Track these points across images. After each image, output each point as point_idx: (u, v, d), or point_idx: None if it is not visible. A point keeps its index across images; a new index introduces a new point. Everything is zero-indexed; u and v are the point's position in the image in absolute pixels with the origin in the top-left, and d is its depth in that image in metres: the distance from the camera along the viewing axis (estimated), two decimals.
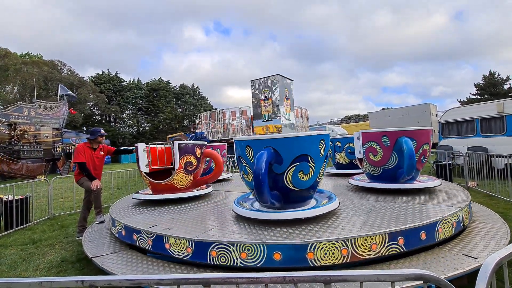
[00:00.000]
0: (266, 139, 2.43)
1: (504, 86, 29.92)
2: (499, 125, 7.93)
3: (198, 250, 2.23)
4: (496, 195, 5.58)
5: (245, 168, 2.54)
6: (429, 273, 0.85)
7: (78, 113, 29.69)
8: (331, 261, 2.04)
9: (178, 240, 2.34)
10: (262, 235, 2.20)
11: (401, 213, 2.65)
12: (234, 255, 2.11)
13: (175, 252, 2.35)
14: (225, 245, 2.14)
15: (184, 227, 2.59)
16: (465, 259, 2.30)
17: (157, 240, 2.49)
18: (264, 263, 2.05)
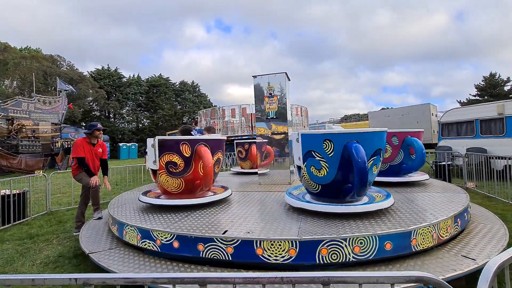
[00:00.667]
0: (349, 133, 2.56)
1: (504, 87, 29.93)
2: (499, 126, 7.92)
3: (305, 251, 2.09)
4: (494, 196, 5.58)
5: (318, 162, 2.61)
6: (429, 275, 0.84)
7: (77, 108, 29.59)
8: (426, 245, 2.32)
9: (276, 243, 2.10)
10: (351, 228, 2.28)
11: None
12: (347, 251, 2.10)
13: (271, 257, 2.09)
14: (337, 241, 2.09)
15: (256, 228, 2.39)
16: (463, 260, 2.29)
17: (243, 246, 2.16)
18: (376, 254, 2.13)
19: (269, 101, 4.58)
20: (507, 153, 6.97)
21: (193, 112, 41.21)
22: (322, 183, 2.70)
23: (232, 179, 5.62)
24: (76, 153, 4.02)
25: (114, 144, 32.63)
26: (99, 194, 4.27)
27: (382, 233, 2.17)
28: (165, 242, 2.46)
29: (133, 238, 2.72)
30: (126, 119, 40.35)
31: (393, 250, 2.21)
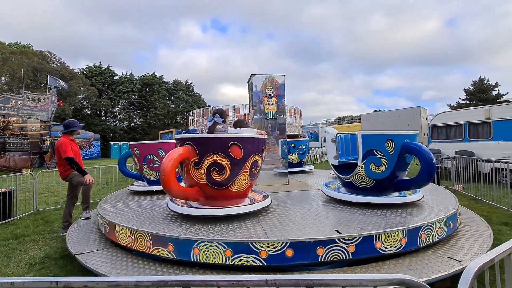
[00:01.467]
0: (406, 134, 3.03)
1: (492, 92, 30.69)
2: (486, 130, 8.12)
3: (411, 237, 2.42)
4: (481, 198, 5.71)
5: (379, 160, 2.96)
6: (411, 278, 0.85)
7: (67, 106, 29.02)
8: None
9: (391, 234, 2.33)
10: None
11: None
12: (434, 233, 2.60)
13: (387, 249, 2.31)
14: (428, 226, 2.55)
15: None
16: (449, 261, 2.34)
17: (365, 242, 2.24)
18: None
19: (268, 101, 4.59)
20: (494, 157, 7.16)
21: (186, 112, 40.91)
22: (378, 178, 3.06)
23: None
24: (67, 153, 3.93)
25: (106, 143, 32.14)
26: (91, 192, 4.21)
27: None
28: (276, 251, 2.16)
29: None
30: (118, 118, 39.78)
31: None
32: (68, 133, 4.11)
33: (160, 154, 4.21)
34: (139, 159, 4.31)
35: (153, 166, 4.24)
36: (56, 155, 4.13)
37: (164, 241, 2.33)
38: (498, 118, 7.79)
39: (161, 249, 2.33)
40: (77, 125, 4.20)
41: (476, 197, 5.90)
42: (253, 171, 2.80)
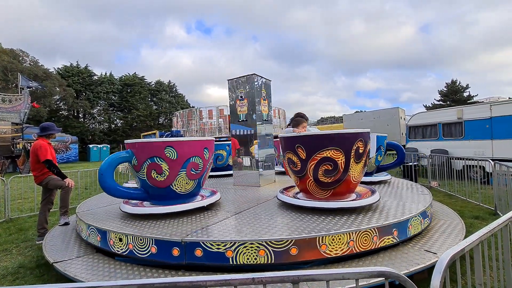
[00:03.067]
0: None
1: (464, 93, 32.51)
2: (458, 129, 8.60)
3: None
4: (454, 194, 6.05)
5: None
6: (390, 270, 0.90)
7: (42, 107, 27.58)
8: None
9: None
10: None
11: None
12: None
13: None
14: None
15: None
16: (426, 254, 2.47)
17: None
18: None
19: (240, 104, 4.61)
20: (465, 154, 7.61)
21: (169, 113, 40.11)
22: None
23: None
24: (47, 156, 3.75)
25: (84, 146, 30.86)
26: (69, 197, 4.04)
27: None
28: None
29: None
30: (97, 119, 38.29)
31: None
32: (45, 136, 3.92)
33: (205, 155, 3.14)
34: (173, 165, 2.89)
35: (195, 172, 3.03)
36: (31, 159, 3.91)
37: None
38: (469, 118, 8.29)
39: None
40: (55, 128, 4.05)
41: (450, 192, 6.24)
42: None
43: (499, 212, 4.55)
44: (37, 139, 3.93)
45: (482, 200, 5.24)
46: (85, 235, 2.94)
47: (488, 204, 5.05)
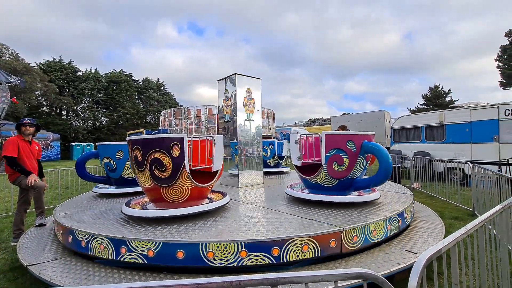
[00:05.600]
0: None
1: (446, 98, 33.71)
2: (440, 132, 8.90)
3: None
4: (435, 195, 6.24)
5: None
6: (368, 271, 0.90)
7: (22, 103, 26.43)
8: None
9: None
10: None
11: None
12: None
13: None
14: None
15: None
16: (407, 254, 2.52)
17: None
18: None
19: (226, 104, 4.60)
20: (446, 157, 7.87)
21: (157, 112, 39.40)
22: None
23: None
24: (6, 151, 3.54)
25: (67, 144, 29.81)
26: (43, 196, 3.86)
27: None
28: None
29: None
30: (81, 117, 37.08)
31: None
32: (19, 132, 3.74)
33: None
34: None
35: None
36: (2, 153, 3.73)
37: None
38: (450, 122, 8.59)
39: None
40: (25, 120, 3.79)
41: (431, 194, 6.43)
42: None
43: (477, 213, 4.73)
44: None
45: (461, 201, 5.43)
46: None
47: (467, 205, 5.24)
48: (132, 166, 2.93)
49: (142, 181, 2.84)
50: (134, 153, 2.79)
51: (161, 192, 2.80)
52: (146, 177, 2.75)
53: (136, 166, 2.81)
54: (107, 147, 4.16)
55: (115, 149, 4.09)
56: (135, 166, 2.83)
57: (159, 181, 2.74)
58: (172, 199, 2.83)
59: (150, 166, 2.69)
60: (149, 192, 2.93)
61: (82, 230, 2.57)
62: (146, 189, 2.92)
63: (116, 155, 4.07)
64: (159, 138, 2.73)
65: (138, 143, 2.76)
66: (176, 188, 2.78)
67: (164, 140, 2.70)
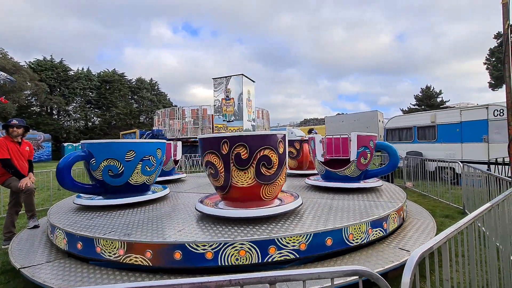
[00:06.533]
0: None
1: (437, 99, 34.34)
2: (431, 132, 9.07)
3: None
4: (427, 194, 6.36)
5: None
6: (363, 268, 0.93)
7: (11, 102, 25.86)
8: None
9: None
10: None
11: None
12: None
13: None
14: None
15: None
16: (399, 252, 2.57)
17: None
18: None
19: (226, 103, 4.60)
20: (438, 157, 8.03)
21: (151, 112, 39.04)
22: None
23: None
24: (0, 155, 3.49)
25: (58, 144, 29.31)
26: (34, 199, 3.79)
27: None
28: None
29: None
30: (72, 117, 36.52)
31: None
32: (6, 132, 3.67)
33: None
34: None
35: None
36: None
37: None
38: (441, 122, 8.76)
39: None
40: (12, 121, 3.70)
41: (423, 193, 6.55)
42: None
43: (467, 211, 4.84)
44: None
45: (452, 199, 5.55)
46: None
47: (458, 204, 5.36)
48: (227, 166, 2.62)
49: (240, 180, 2.63)
50: (235, 151, 2.57)
51: (260, 190, 2.70)
52: (249, 175, 2.60)
53: (236, 165, 2.58)
54: (112, 146, 3.31)
55: (124, 149, 3.31)
56: (235, 165, 2.59)
57: (263, 179, 2.65)
58: (267, 197, 2.78)
59: (257, 163, 2.59)
60: (242, 191, 2.71)
61: (203, 240, 2.19)
62: (241, 189, 2.68)
63: (125, 156, 3.31)
64: (269, 135, 2.68)
65: (244, 140, 2.58)
66: (274, 185, 2.77)
67: (273, 137, 2.68)
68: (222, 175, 2.67)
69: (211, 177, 2.83)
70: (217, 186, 2.82)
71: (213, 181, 2.81)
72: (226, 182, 2.68)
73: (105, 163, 3.27)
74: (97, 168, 3.29)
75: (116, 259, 2.29)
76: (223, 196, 2.89)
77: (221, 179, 2.69)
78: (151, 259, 2.20)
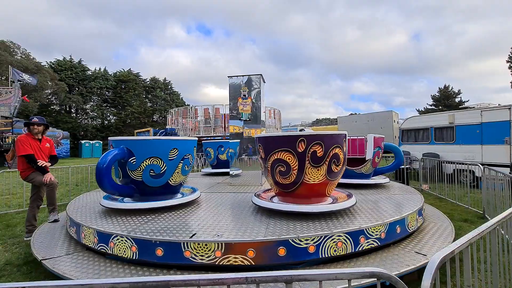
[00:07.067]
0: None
1: (456, 99, 33.13)
2: (450, 134, 8.76)
3: None
4: (444, 197, 6.15)
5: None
6: (382, 270, 0.91)
7: (32, 101, 27.00)
8: None
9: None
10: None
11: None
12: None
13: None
14: None
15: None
16: (416, 256, 2.50)
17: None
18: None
19: (242, 102, 4.60)
20: (456, 159, 7.75)
21: (164, 110, 39.75)
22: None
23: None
24: (24, 151, 3.65)
25: (76, 142, 30.34)
26: (56, 193, 3.95)
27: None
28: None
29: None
30: (90, 115, 37.69)
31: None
32: (28, 129, 3.84)
33: None
34: None
35: None
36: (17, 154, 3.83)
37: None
38: (460, 123, 8.45)
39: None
40: (34, 119, 3.86)
41: (440, 196, 6.34)
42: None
43: (487, 215, 4.65)
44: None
45: (471, 203, 5.34)
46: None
47: (477, 208, 5.15)
48: (302, 163, 2.67)
49: (312, 177, 2.73)
50: (312, 149, 2.67)
51: (327, 186, 2.86)
52: (321, 172, 2.72)
53: (312, 162, 2.68)
54: (155, 143, 3.01)
55: (168, 147, 3.04)
56: (310, 163, 2.68)
57: (331, 176, 2.80)
58: (329, 193, 3.00)
59: (330, 161, 2.73)
60: (312, 187, 2.79)
61: (306, 235, 2.25)
62: (312, 185, 2.76)
63: (169, 154, 3.04)
64: (339, 134, 2.83)
65: (321, 138, 2.69)
66: (335, 182, 2.97)
67: (341, 136, 2.86)
68: (294, 172, 2.72)
69: (278, 175, 2.81)
70: (285, 183, 2.83)
71: (282, 178, 2.81)
72: (297, 179, 2.74)
73: (148, 162, 2.95)
74: (137, 168, 2.96)
75: (211, 262, 2.17)
76: (289, 192, 2.89)
77: (292, 176, 2.74)
78: (254, 258, 2.17)
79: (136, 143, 2.99)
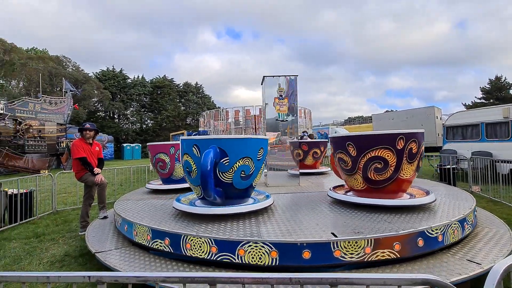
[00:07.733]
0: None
1: (510, 90, 29.64)
2: (504, 130, 7.85)
3: None
4: (500, 200, 5.53)
5: None
6: (435, 278, 0.85)
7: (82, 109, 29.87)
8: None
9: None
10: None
11: None
12: None
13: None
14: None
15: None
16: (468, 264, 2.28)
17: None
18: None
19: (279, 102, 4.58)
20: None
21: (196, 113, 41.35)
22: None
23: None
24: (78, 154, 4.07)
25: (118, 145, 32.87)
26: (105, 192, 4.33)
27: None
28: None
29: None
30: (130, 120, 40.64)
31: None
32: (81, 134, 4.26)
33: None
34: None
35: None
36: (71, 157, 4.30)
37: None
38: None
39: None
40: (85, 125, 4.27)
41: (494, 199, 5.71)
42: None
43: None
44: None
45: None
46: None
47: None
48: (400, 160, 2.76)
49: (406, 173, 2.86)
50: (409, 146, 2.81)
51: (411, 182, 3.04)
52: (413, 168, 2.90)
53: (408, 158, 2.82)
54: (247, 142, 2.80)
55: (257, 146, 2.83)
56: (407, 159, 2.80)
57: (417, 171, 3.00)
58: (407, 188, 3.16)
59: (420, 157, 2.95)
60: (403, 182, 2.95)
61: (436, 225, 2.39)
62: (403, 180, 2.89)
63: (257, 154, 2.84)
64: (423, 132, 2.97)
65: (416, 136, 2.83)
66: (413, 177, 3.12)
67: (423, 133, 2.97)
68: (391, 169, 2.79)
69: (372, 172, 2.86)
70: (378, 179, 2.88)
71: (376, 175, 2.86)
72: (393, 174, 2.82)
73: (241, 163, 2.72)
74: (229, 169, 2.69)
75: (360, 259, 2.15)
76: (378, 188, 2.95)
77: (389, 172, 2.81)
78: (400, 251, 2.24)
79: (231, 142, 2.74)
